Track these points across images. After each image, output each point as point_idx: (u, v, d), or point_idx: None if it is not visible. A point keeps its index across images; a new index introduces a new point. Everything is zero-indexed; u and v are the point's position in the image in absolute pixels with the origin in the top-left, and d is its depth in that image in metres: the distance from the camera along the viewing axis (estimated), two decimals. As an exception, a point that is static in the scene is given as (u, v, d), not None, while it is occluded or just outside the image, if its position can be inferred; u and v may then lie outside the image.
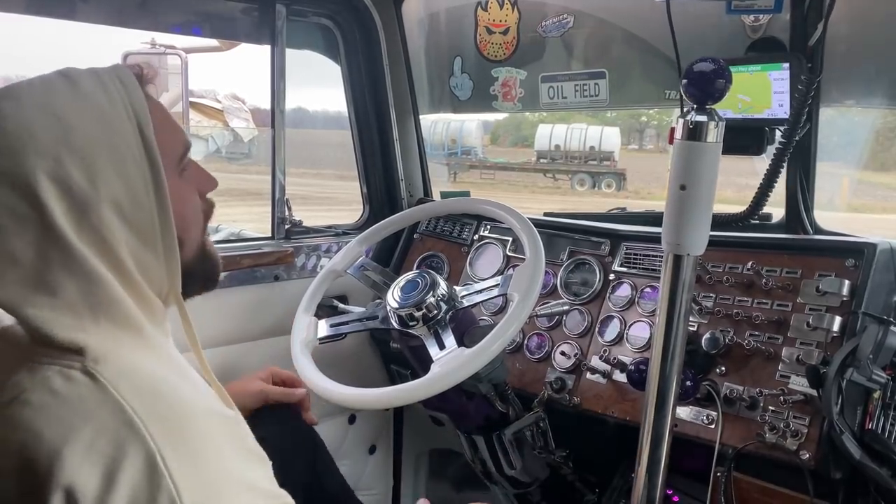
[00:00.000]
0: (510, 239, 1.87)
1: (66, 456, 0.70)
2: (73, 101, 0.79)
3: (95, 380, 0.74)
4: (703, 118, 0.99)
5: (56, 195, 0.76)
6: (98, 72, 0.84)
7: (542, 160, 15.80)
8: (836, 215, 1.72)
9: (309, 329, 1.51)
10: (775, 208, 1.71)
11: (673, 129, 1.03)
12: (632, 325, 1.59)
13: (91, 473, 0.70)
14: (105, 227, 0.79)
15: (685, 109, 1.03)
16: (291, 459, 1.49)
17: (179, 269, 0.88)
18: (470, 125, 15.42)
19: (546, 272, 1.50)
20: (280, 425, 1.49)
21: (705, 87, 0.99)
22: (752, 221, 1.67)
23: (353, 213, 2.32)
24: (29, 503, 0.72)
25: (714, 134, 1.00)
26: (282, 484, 0.87)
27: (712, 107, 1.00)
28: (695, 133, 1.00)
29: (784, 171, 1.59)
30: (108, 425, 0.72)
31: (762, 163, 1.72)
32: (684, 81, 1.00)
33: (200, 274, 0.96)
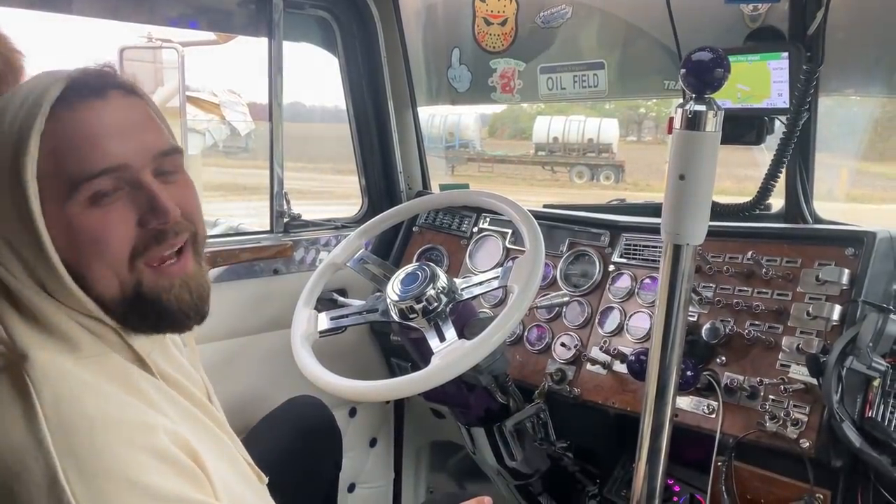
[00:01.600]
0: (510, 231, 1.87)
1: None
2: None
3: (21, 380, 0.74)
4: (701, 107, 0.99)
5: None
6: (38, 81, 0.82)
7: (540, 153, 15.79)
8: (835, 206, 1.72)
9: (309, 322, 1.51)
10: (775, 199, 1.71)
11: (672, 119, 1.03)
12: (632, 315, 1.59)
13: None
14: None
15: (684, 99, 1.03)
16: (321, 453, 1.50)
17: (86, 304, 0.82)
18: (468, 118, 15.39)
19: (546, 264, 1.50)
20: (310, 419, 1.49)
21: (704, 77, 0.99)
22: (754, 212, 1.67)
23: (351, 207, 2.32)
24: None
25: (713, 123, 0.99)
26: (310, 478, 0.85)
27: (711, 96, 1.00)
28: (694, 122, 0.99)
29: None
30: (15, 434, 0.71)
31: (762, 154, 1.72)
32: (683, 71, 1.00)
33: (138, 317, 0.86)
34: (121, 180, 0.82)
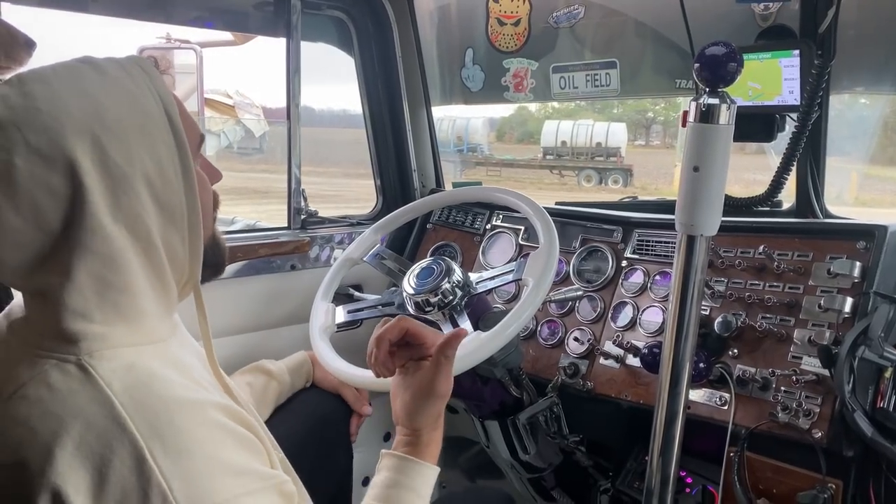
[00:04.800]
0: (522, 228, 1.90)
1: (58, 455, 0.71)
2: (102, 83, 0.80)
3: (88, 374, 0.76)
4: (715, 101, 1.01)
5: (96, 173, 0.77)
6: (118, 59, 0.85)
7: (548, 156, 15.79)
8: (844, 210, 1.74)
9: (327, 315, 1.54)
10: (785, 196, 1.73)
11: (686, 113, 1.05)
12: (644, 310, 1.61)
13: (81, 475, 0.71)
14: (140, 204, 0.80)
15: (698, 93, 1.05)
16: (335, 444, 1.53)
17: (202, 254, 0.89)
18: (476, 122, 15.41)
19: (559, 260, 1.52)
20: (326, 410, 1.52)
21: (717, 70, 1.01)
22: (763, 208, 1.69)
23: (360, 210, 2.33)
24: (17, 500, 0.73)
25: (726, 116, 1.02)
26: (325, 467, 0.87)
27: (724, 90, 1.02)
28: (707, 116, 1.02)
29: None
30: (97, 421, 0.73)
31: (770, 158, 1.74)
32: (697, 65, 1.02)
33: (210, 261, 0.97)
34: None
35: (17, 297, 0.88)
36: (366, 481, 2.17)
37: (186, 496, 0.72)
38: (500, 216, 1.97)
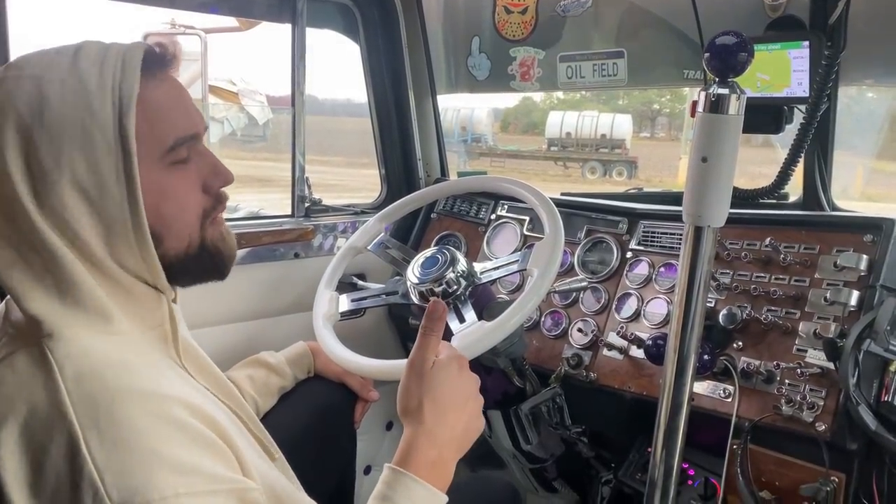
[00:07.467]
0: (527, 218, 1.89)
1: (3, 440, 0.71)
2: (65, 78, 0.80)
3: (46, 358, 0.75)
4: (725, 91, 1.00)
5: (21, 170, 0.78)
6: (109, 49, 0.83)
7: (552, 148, 15.78)
8: (850, 204, 1.73)
9: (331, 303, 1.54)
10: (792, 189, 1.72)
11: (695, 103, 1.04)
12: (649, 301, 1.60)
13: (20, 463, 0.71)
14: (66, 208, 0.79)
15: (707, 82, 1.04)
16: (338, 433, 1.53)
17: (157, 263, 0.86)
18: (480, 112, 15.40)
19: (563, 251, 1.52)
20: (328, 399, 1.51)
21: (727, 60, 1.00)
22: (770, 200, 1.68)
23: (362, 200, 2.33)
24: None
25: (736, 106, 1.01)
26: (327, 456, 0.84)
27: (734, 80, 1.02)
28: (717, 106, 1.01)
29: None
30: (42, 408, 0.72)
31: (776, 152, 1.72)
32: (707, 55, 1.01)
33: (197, 269, 0.93)
34: (191, 148, 0.88)
35: None
36: (367, 469, 2.18)
37: (119, 490, 0.69)
38: (505, 206, 1.96)
